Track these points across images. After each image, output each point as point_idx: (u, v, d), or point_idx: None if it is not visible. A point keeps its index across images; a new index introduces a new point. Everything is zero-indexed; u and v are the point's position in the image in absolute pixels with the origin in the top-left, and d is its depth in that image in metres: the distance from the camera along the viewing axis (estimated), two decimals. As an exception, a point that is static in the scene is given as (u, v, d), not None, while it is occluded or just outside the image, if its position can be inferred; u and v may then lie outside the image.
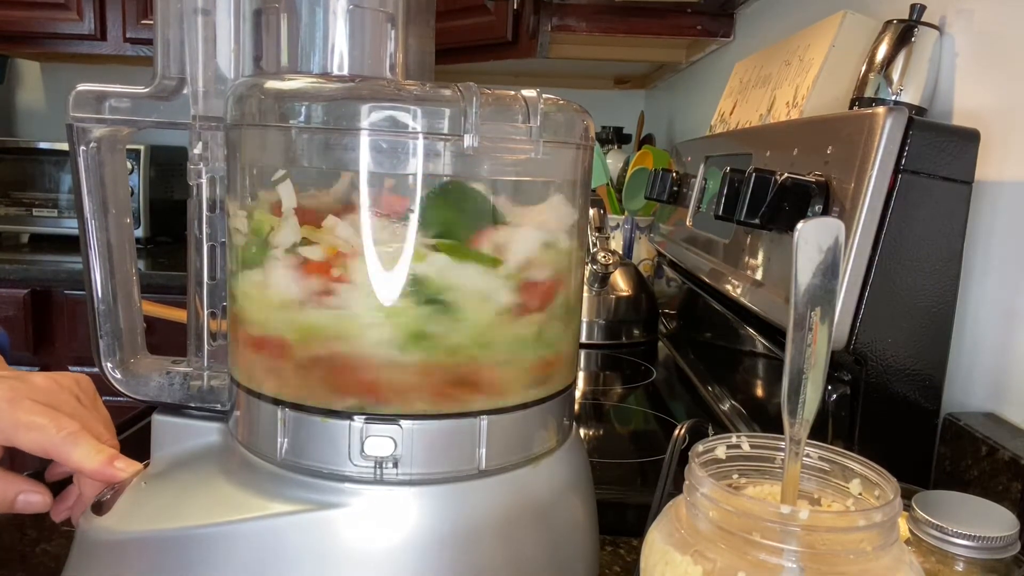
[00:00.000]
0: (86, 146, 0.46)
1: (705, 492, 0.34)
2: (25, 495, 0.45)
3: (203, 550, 0.40)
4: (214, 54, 0.45)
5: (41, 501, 0.45)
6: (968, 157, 0.58)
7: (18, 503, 0.45)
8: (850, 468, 0.37)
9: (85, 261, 0.47)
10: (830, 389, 0.61)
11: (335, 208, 0.39)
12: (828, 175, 0.63)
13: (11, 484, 0.45)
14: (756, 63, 1.09)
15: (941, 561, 0.41)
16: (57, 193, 2.06)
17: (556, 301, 0.44)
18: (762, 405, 0.78)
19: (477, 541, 0.41)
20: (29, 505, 0.45)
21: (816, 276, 0.34)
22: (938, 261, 0.59)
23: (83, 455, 0.43)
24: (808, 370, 0.35)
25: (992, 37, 0.67)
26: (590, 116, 0.45)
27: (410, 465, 0.40)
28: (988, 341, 0.65)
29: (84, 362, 1.78)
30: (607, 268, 1.20)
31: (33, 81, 2.51)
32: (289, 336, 0.41)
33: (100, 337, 0.48)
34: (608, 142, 2.04)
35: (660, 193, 1.15)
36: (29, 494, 0.45)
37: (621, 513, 0.60)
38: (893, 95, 0.72)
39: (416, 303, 0.39)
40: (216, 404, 0.47)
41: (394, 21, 0.46)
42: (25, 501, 0.45)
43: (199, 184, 0.46)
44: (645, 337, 1.23)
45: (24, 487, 0.45)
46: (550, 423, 0.45)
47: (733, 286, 0.79)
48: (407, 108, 0.38)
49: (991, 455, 0.57)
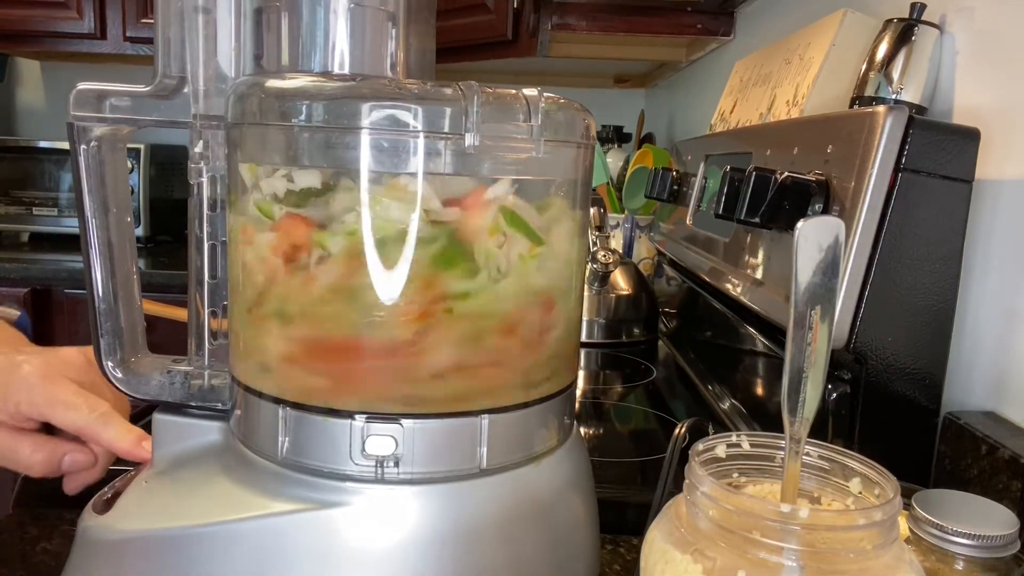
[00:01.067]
0: (87, 145, 0.46)
1: (705, 491, 0.34)
2: (71, 455, 0.47)
3: (204, 549, 0.40)
4: (215, 53, 0.45)
5: (86, 459, 0.48)
6: (968, 156, 0.58)
7: (65, 463, 0.48)
8: (850, 467, 0.37)
9: (86, 260, 0.47)
10: (830, 388, 0.61)
11: (336, 207, 0.39)
12: (828, 174, 0.63)
13: (58, 446, 0.48)
14: (756, 62, 1.09)
15: (941, 560, 0.41)
16: (57, 192, 2.06)
17: (556, 301, 0.44)
18: (762, 404, 0.78)
19: (478, 540, 0.41)
20: (75, 463, 0.48)
21: (816, 275, 0.34)
22: (938, 260, 0.59)
23: (115, 434, 0.46)
24: (808, 369, 0.35)
25: (992, 36, 0.67)
26: (591, 115, 0.45)
27: (411, 464, 0.40)
28: (988, 340, 0.65)
29: (84, 361, 1.78)
30: (607, 267, 1.20)
31: (33, 80, 2.51)
32: (289, 334, 0.41)
33: (101, 336, 0.48)
34: (608, 141, 2.04)
35: (660, 192, 1.15)
36: (75, 453, 0.48)
37: (621, 512, 0.60)
38: (893, 94, 0.72)
39: (417, 302, 0.39)
40: (217, 403, 0.47)
41: (395, 19, 0.46)
42: (72, 460, 0.48)
43: (200, 183, 0.46)
44: (645, 336, 1.23)
45: (69, 448, 0.48)
46: (551, 422, 0.45)
47: (733, 285, 0.79)
48: (408, 107, 0.38)
49: (991, 454, 0.57)
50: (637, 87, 2.40)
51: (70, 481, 0.49)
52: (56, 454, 0.48)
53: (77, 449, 0.48)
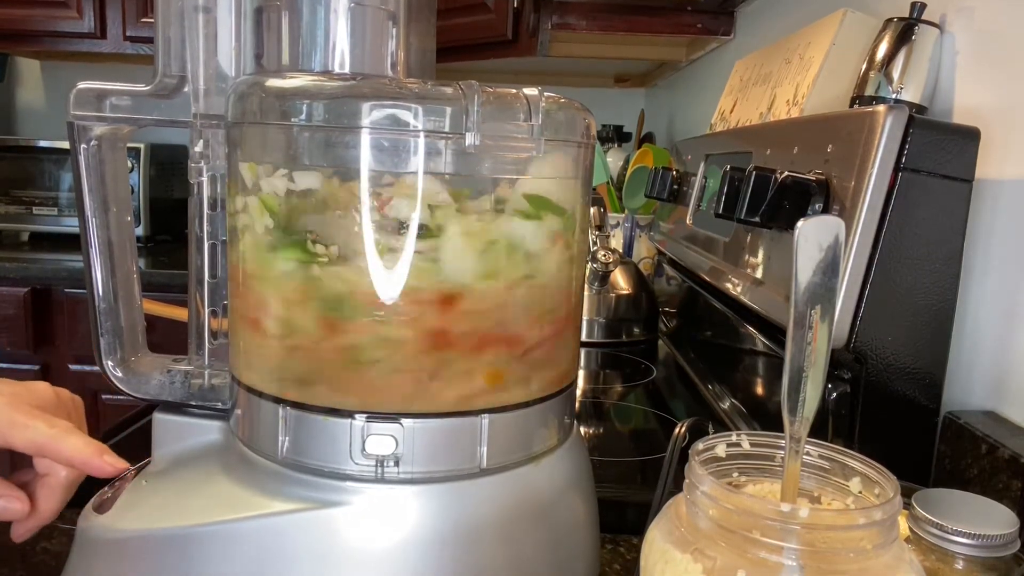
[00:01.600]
0: (87, 144, 0.46)
1: (705, 490, 0.34)
2: (6, 500, 0.44)
3: (204, 548, 0.40)
4: (215, 52, 0.45)
5: (20, 508, 0.44)
6: (968, 155, 0.58)
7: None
8: (850, 466, 0.37)
9: (86, 259, 0.47)
10: (830, 387, 0.61)
11: (336, 206, 0.39)
12: (828, 173, 0.63)
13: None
14: (756, 61, 1.09)
15: (941, 559, 0.41)
16: (57, 191, 2.05)
17: (557, 299, 0.44)
18: (762, 403, 0.78)
19: (478, 539, 0.41)
20: (7, 511, 0.44)
21: (816, 274, 0.34)
22: (938, 259, 0.59)
23: (74, 446, 0.43)
24: (808, 368, 0.35)
25: (992, 35, 0.67)
26: (591, 114, 0.45)
27: (411, 463, 0.40)
28: (988, 339, 0.65)
29: (84, 361, 1.78)
30: (607, 267, 1.20)
31: (33, 79, 2.51)
32: (290, 334, 0.41)
33: (101, 335, 0.48)
34: (608, 140, 2.04)
35: (660, 191, 1.15)
36: (10, 500, 0.44)
37: (621, 511, 0.60)
38: (893, 93, 0.72)
39: (417, 300, 0.39)
40: (217, 402, 0.47)
41: (395, 19, 0.46)
42: (3, 507, 0.44)
43: (200, 182, 0.46)
44: (645, 335, 1.23)
45: (5, 492, 0.44)
46: (551, 421, 0.45)
47: (733, 284, 0.79)
48: (408, 106, 0.38)
49: (991, 453, 0.57)
50: (637, 86, 2.39)
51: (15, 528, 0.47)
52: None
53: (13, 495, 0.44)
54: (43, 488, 0.45)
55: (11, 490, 0.44)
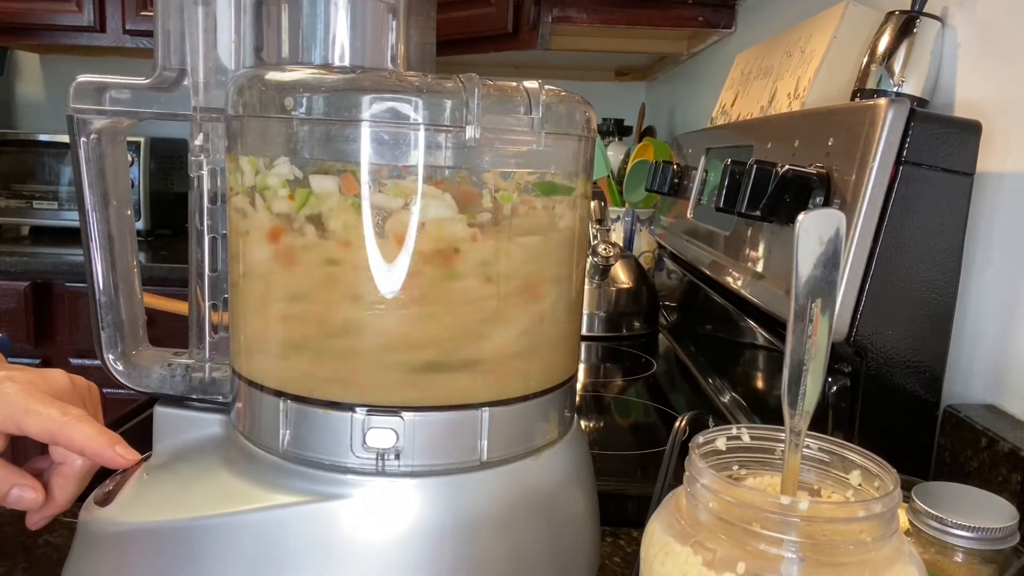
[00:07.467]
0: (87, 138, 0.46)
1: (705, 483, 0.34)
2: (20, 489, 0.45)
3: (205, 541, 0.40)
4: (215, 45, 0.45)
5: (34, 498, 0.45)
6: (970, 149, 0.58)
7: (11, 496, 0.44)
8: (850, 459, 0.37)
9: (86, 253, 0.47)
10: (830, 381, 0.61)
11: (336, 199, 0.39)
12: (829, 167, 0.63)
13: (8, 476, 0.45)
14: (757, 54, 1.08)
15: (940, 552, 0.41)
16: (57, 185, 2.05)
17: (557, 293, 0.44)
18: (762, 397, 0.78)
19: (478, 532, 0.41)
20: (21, 500, 0.45)
21: (817, 268, 0.34)
22: (939, 253, 0.59)
23: (86, 435, 0.44)
24: (808, 362, 0.35)
25: (994, 28, 0.67)
26: (592, 108, 0.45)
27: (412, 457, 0.40)
28: (988, 333, 0.65)
29: (85, 355, 1.78)
30: (608, 260, 1.20)
31: (32, 73, 2.51)
32: (290, 327, 0.41)
33: (102, 329, 0.48)
34: (609, 134, 2.04)
35: (661, 185, 1.15)
36: (24, 488, 0.45)
37: (622, 504, 0.60)
38: (895, 87, 0.71)
39: (418, 294, 0.39)
40: (218, 396, 0.47)
41: (395, 12, 0.46)
42: (18, 496, 0.45)
43: (200, 176, 0.46)
44: (646, 329, 1.24)
45: (20, 480, 0.45)
46: (551, 415, 0.45)
47: (734, 278, 0.79)
48: (408, 99, 0.38)
49: (991, 447, 0.57)
50: (638, 80, 2.39)
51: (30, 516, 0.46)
52: (3, 484, 0.44)
53: (28, 484, 0.45)
54: (58, 477, 0.46)
55: (25, 479, 0.45)
